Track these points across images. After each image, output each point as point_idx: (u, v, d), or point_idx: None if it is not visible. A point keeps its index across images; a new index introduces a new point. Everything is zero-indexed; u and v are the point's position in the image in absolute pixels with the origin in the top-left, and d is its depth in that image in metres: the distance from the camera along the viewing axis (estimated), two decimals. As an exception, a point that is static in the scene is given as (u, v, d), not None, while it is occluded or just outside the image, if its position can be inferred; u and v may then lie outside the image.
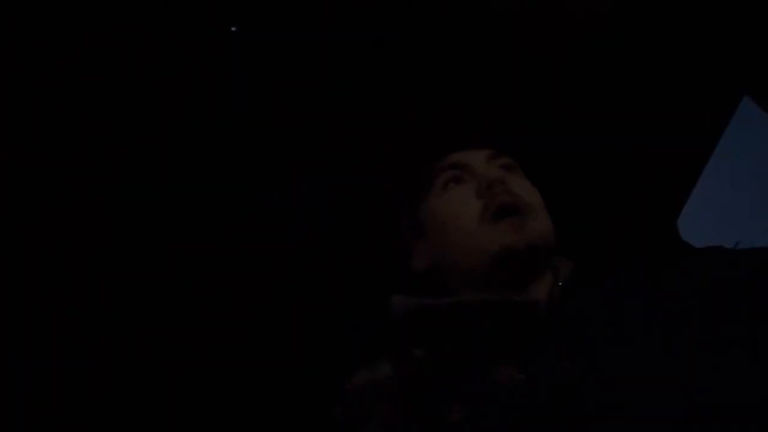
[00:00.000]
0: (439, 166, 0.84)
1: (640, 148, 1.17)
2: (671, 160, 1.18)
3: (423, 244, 0.83)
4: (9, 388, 0.95)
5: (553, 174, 0.90)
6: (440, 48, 1.05)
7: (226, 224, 1.11)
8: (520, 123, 1.10)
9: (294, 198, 1.13)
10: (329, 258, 1.14)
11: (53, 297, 1.03)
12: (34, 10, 0.94)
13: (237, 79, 1.06)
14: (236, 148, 1.09)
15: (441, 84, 1.09)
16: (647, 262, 0.77)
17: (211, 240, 1.10)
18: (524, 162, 0.86)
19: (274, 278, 1.13)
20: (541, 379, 0.62)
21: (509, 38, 1.04)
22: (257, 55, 1.05)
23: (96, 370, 1.02)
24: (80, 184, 1.04)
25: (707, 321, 0.61)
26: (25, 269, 1.02)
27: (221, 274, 1.11)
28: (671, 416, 0.56)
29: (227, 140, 1.09)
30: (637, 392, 0.58)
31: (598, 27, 1.03)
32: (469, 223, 0.76)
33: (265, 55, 1.05)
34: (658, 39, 1.03)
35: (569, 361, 0.62)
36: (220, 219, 1.10)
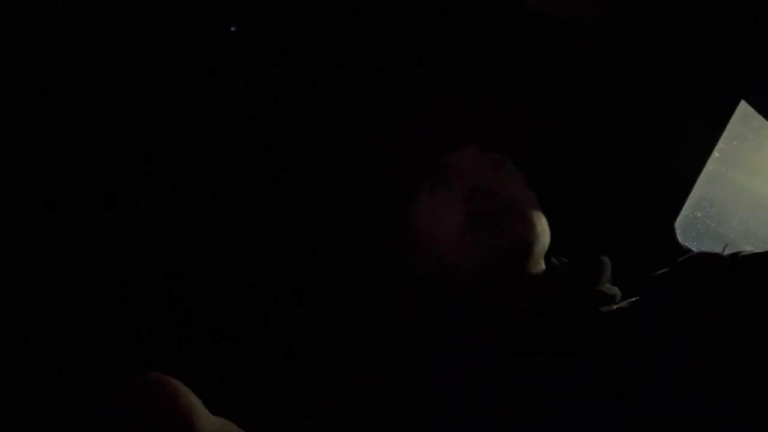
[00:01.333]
0: (424, 168, 0.81)
1: (638, 149, 1.17)
2: (669, 161, 1.18)
3: (415, 250, 0.81)
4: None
5: (550, 175, 0.89)
6: (428, 44, 1.04)
7: (226, 229, 1.11)
8: (518, 123, 1.10)
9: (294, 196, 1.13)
10: (329, 256, 1.14)
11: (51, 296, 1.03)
12: (33, 9, 0.94)
13: (236, 80, 1.06)
14: (236, 148, 1.10)
15: (430, 81, 1.08)
16: (643, 266, 0.77)
17: (210, 241, 1.11)
18: (518, 158, 0.85)
19: (272, 278, 1.13)
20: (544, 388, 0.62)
21: (504, 36, 1.04)
22: (256, 56, 1.05)
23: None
24: (76, 182, 1.04)
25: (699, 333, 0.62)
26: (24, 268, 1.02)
27: (220, 275, 1.12)
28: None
29: (227, 141, 1.09)
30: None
31: (599, 26, 1.03)
32: (454, 231, 0.75)
33: (265, 56, 1.06)
34: (657, 39, 1.03)
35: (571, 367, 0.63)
36: (220, 222, 1.11)
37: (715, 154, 1.14)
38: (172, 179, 1.09)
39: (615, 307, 0.69)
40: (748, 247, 0.79)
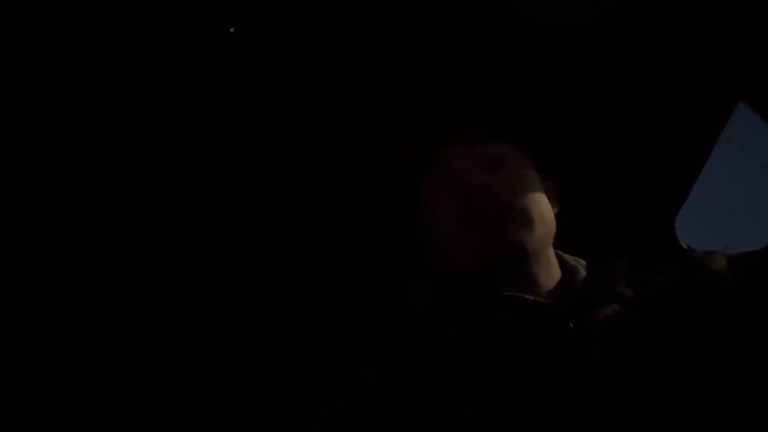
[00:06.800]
0: (426, 167, 0.82)
1: (635, 151, 1.17)
2: (669, 161, 1.18)
3: (426, 239, 0.82)
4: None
5: (549, 174, 0.90)
6: (451, 42, 1.05)
7: (231, 230, 1.11)
8: (519, 122, 1.10)
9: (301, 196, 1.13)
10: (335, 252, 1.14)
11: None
12: (33, 8, 0.94)
13: (236, 80, 1.06)
14: (235, 148, 1.10)
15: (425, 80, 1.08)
16: (644, 266, 0.78)
17: (214, 242, 1.11)
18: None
19: (280, 275, 1.13)
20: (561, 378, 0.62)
21: (505, 34, 1.04)
22: (256, 56, 1.05)
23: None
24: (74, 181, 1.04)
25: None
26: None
27: (224, 271, 1.12)
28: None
29: (226, 141, 1.09)
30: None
31: (600, 24, 1.03)
32: (449, 233, 0.76)
33: (265, 56, 1.05)
34: (657, 38, 1.04)
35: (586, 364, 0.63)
36: (223, 224, 1.11)
37: (715, 152, 1.15)
38: (172, 179, 1.09)
39: (626, 309, 0.70)
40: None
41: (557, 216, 0.80)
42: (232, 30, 1.03)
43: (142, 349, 1.05)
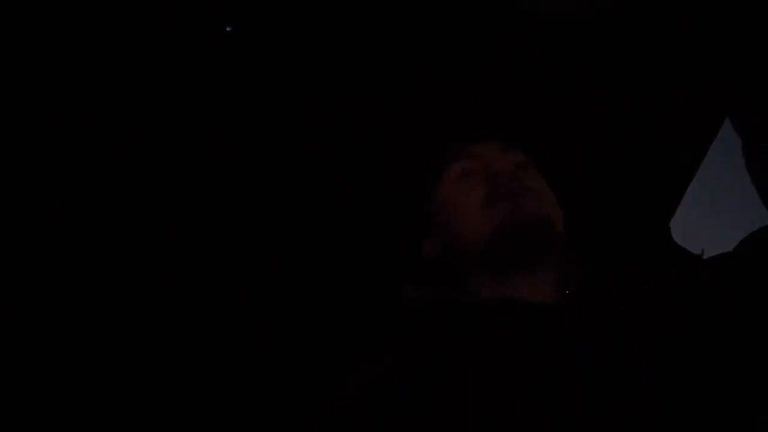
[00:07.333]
0: (450, 156, 0.85)
1: (633, 151, 1.18)
2: (664, 162, 1.19)
3: (433, 234, 0.83)
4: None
5: (546, 174, 0.90)
6: (451, 42, 1.05)
7: (231, 230, 1.11)
8: (516, 124, 1.11)
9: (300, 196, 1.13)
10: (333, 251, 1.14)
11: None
12: (32, 8, 0.94)
13: (235, 80, 1.06)
14: (235, 148, 1.10)
15: (448, 79, 1.09)
16: (639, 265, 0.78)
17: (215, 242, 1.11)
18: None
19: (280, 275, 1.13)
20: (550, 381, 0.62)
21: (505, 34, 1.04)
22: (253, 55, 1.05)
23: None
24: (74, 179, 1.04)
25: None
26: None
27: (224, 271, 1.12)
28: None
29: (226, 141, 1.09)
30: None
31: (600, 24, 1.03)
32: (474, 207, 0.78)
33: (262, 55, 1.05)
34: (657, 38, 1.04)
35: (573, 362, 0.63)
36: (223, 224, 1.11)
37: (710, 153, 1.15)
38: (172, 179, 1.09)
39: (625, 309, 0.70)
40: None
41: None
42: (228, 29, 1.03)
43: (142, 349, 1.05)
